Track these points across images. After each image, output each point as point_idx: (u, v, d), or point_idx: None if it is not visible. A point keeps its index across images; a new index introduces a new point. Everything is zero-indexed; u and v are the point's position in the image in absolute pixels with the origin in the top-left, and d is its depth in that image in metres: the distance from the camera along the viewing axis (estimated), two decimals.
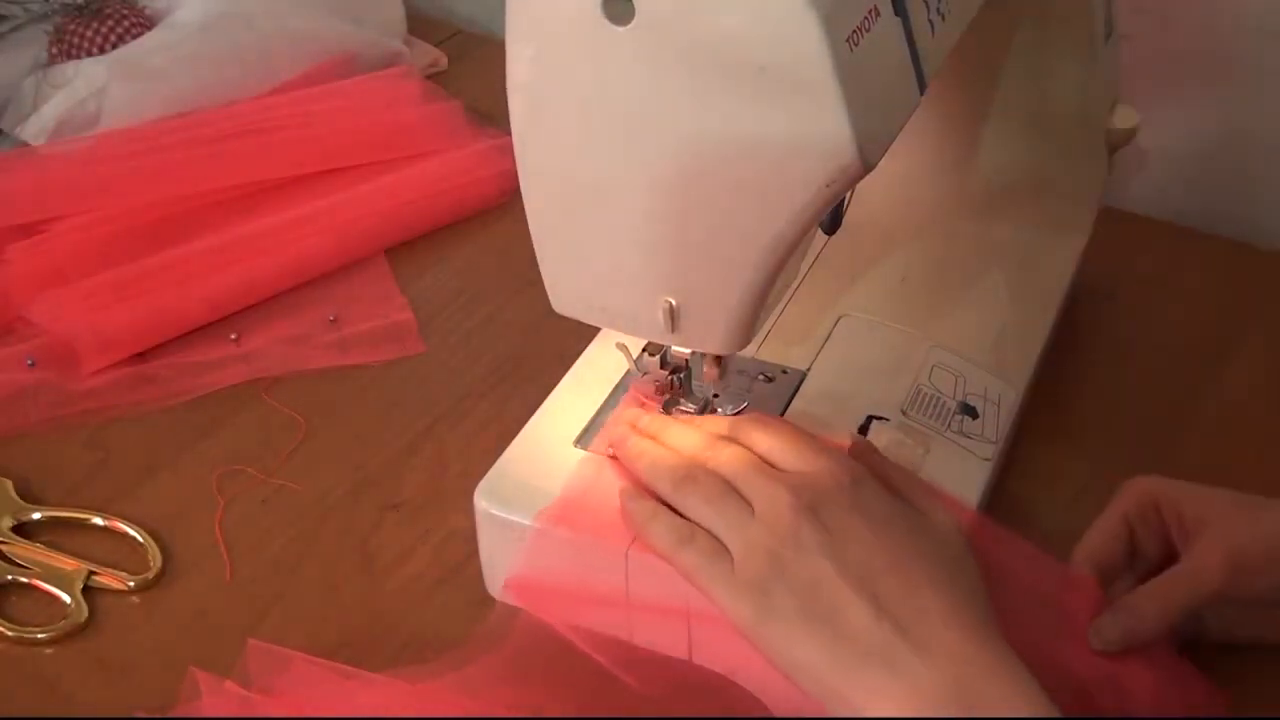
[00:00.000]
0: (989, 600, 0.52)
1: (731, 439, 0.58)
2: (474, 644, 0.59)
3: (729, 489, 0.55)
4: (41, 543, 0.68)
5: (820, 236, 0.58)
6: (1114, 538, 0.59)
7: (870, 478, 0.55)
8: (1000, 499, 0.68)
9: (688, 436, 0.59)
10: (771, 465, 0.56)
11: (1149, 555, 0.59)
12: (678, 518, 0.55)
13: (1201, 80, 0.92)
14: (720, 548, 0.54)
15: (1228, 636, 0.59)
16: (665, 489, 0.56)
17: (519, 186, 0.55)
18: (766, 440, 0.57)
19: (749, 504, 0.54)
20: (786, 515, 0.52)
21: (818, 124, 0.46)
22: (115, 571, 0.66)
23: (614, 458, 0.61)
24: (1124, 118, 0.77)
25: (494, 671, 0.57)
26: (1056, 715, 0.47)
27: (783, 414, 0.64)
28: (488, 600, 0.63)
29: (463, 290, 0.87)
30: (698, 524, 0.55)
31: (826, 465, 0.55)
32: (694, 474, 0.56)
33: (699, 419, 0.62)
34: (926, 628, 0.49)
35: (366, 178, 0.93)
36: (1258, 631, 0.59)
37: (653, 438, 0.59)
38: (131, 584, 0.66)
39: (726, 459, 0.56)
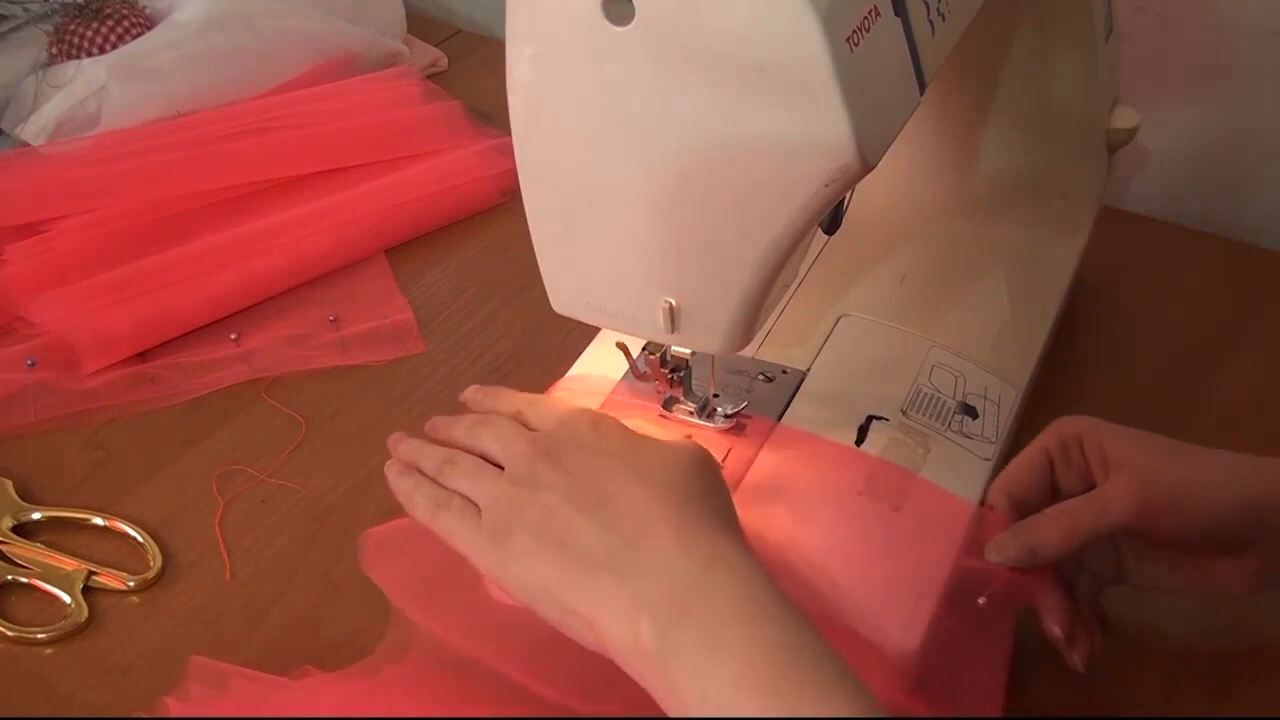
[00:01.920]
0: (731, 513, 0.53)
1: (498, 414, 0.60)
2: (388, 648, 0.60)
3: (483, 462, 0.57)
4: (41, 543, 0.68)
5: (820, 236, 0.58)
6: (1033, 471, 0.59)
7: (610, 420, 0.56)
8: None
9: (461, 421, 0.60)
10: (529, 428, 0.58)
11: (1069, 492, 0.59)
12: (437, 486, 0.57)
13: (1201, 80, 0.92)
14: (472, 507, 0.55)
15: (1142, 581, 0.59)
16: (430, 472, 0.58)
17: (519, 186, 0.55)
18: (524, 408, 0.59)
19: (501, 468, 0.56)
20: (524, 461, 0.55)
21: (818, 124, 0.46)
22: (115, 571, 0.66)
23: None
24: (1124, 118, 0.77)
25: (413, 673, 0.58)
26: (779, 605, 0.48)
27: (782, 414, 0.64)
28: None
29: (463, 290, 0.87)
30: (457, 492, 0.57)
31: (569, 414, 0.57)
32: (453, 457, 0.58)
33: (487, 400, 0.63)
34: (650, 538, 0.50)
35: (366, 178, 0.93)
36: (1168, 580, 0.59)
37: (432, 434, 0.61)
38: (131, 584, 0.66)
39: (489, 430, 0.58)
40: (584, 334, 0.67)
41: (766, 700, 0.45)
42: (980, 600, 0.57)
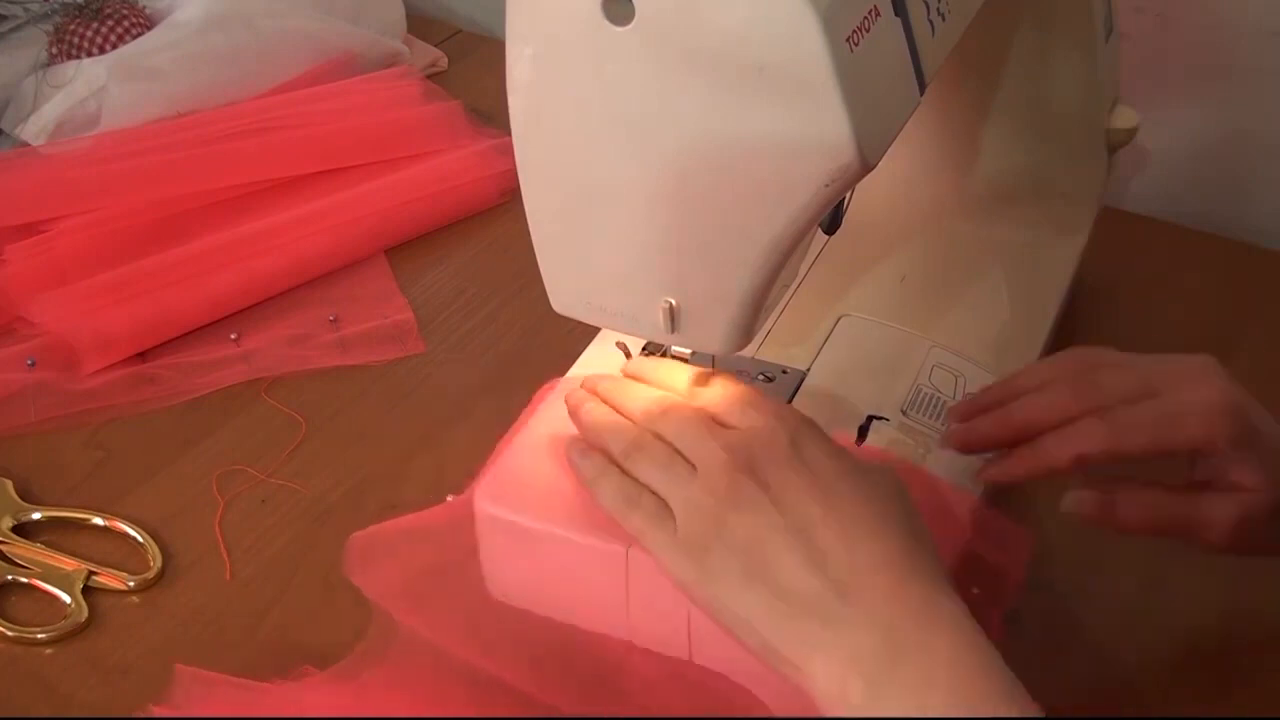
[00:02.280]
0: (934, 550, 0.51)
1: (682, 399, 0.58)
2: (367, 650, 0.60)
3: (674, 453, 0.54)
4: (41, 543, 0.68)
5: (820, 236, 0.58)
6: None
7: (810, 430, 0.54)
8: (1000, 498, 0.68)
9: (640, 398, 0.58)
10: (720, 423, 0.55)
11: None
12: (626, 478, 0.55)
13: (1201, 80, 0.92)
14: (665, 509, 0.53)
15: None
16: (616, 455, 0.56)
17: (519, 186, 0.55)
18: (713, 398, 0.57)
19: (693, 465, 0.54)
20: (724, 473, 0.52)
21: (818, 124, 0.46)
22: (115, 571, 0.66)
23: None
24: (1124, 118, 0.77)
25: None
26: (994, 662, 0.46)
27: None
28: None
29: (463, 290, 0.87)
30: (645, 486, 0.55)
31: (767, 420, 0.54)
32: (642, 441, 0.55)
33: (655, 373, 0.61)
34: (859, 578, 0.48)
35: (366, 178, 0.93)
36: (1152, 517, 0.58)
37: (608, 401, 0.59)
38: (131, 584, 0.66)
39: (674, 420, 0.56)
40: (584, 334, 0.67)
41: None
42: (974, 591, 0.57)
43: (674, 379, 0.59)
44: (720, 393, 0.57)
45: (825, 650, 0.47)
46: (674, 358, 0.62)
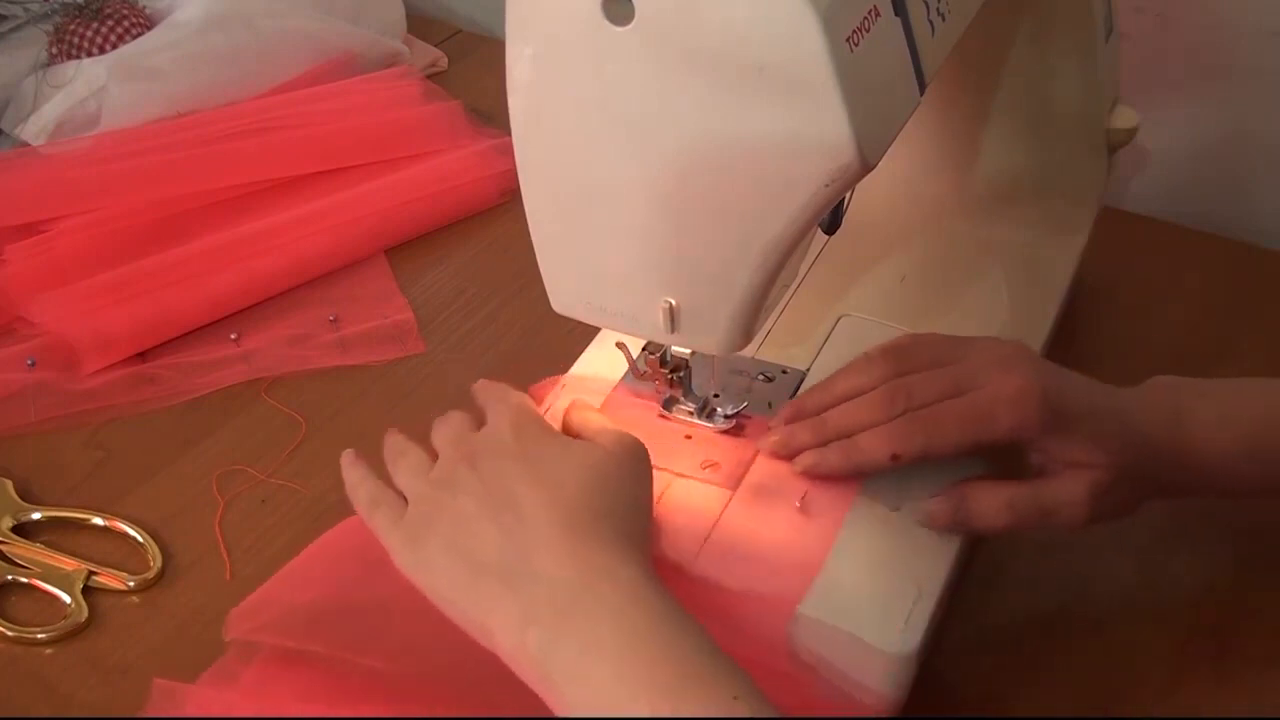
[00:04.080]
0: (639, 519, 0.55)
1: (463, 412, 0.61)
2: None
3: (427, 460, 0.58)
4: (41, 543, 0.68)
5: (820, 236, 0.58)
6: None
7: (533, 422, 0.57)
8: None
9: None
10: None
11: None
12: (378, 483, 0.58)
13: (1201, 80, 0.92)
14: (402, 506, 0.56)
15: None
16: (387, 464, 0.59)
17: (519, 186, 0.55)
18: (489, 405, 0.60)
19: None
20: (447, 464, 0.56)
21: (818, 124, 0.46)
22: (115, 571, 0.66)
23: None
24: (1124, 118, 0.77)
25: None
26: (663, 608, 0.49)
27: None
28: None
29: (463, 290, 0.87)
30: (399, 490, 0.58)
31: (496, 416, 0.58)
32: (405, 450, 0.59)
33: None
34: (540, 546, 0.51)
35: (366, 178, 0.93)
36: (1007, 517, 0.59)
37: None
38: (131, 584, 0.66)
39: (443, 426, 0.59)
40: (584, 334, 0.67)
41: (654, 698, 0.46)
42: None
43: (483, 394, 0.62)
44: (494, 401, 0.60)
45: (506, 611, 0.50)
46: (674, 357, 0.62)
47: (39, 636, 0.63)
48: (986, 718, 0.60)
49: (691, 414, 0.63)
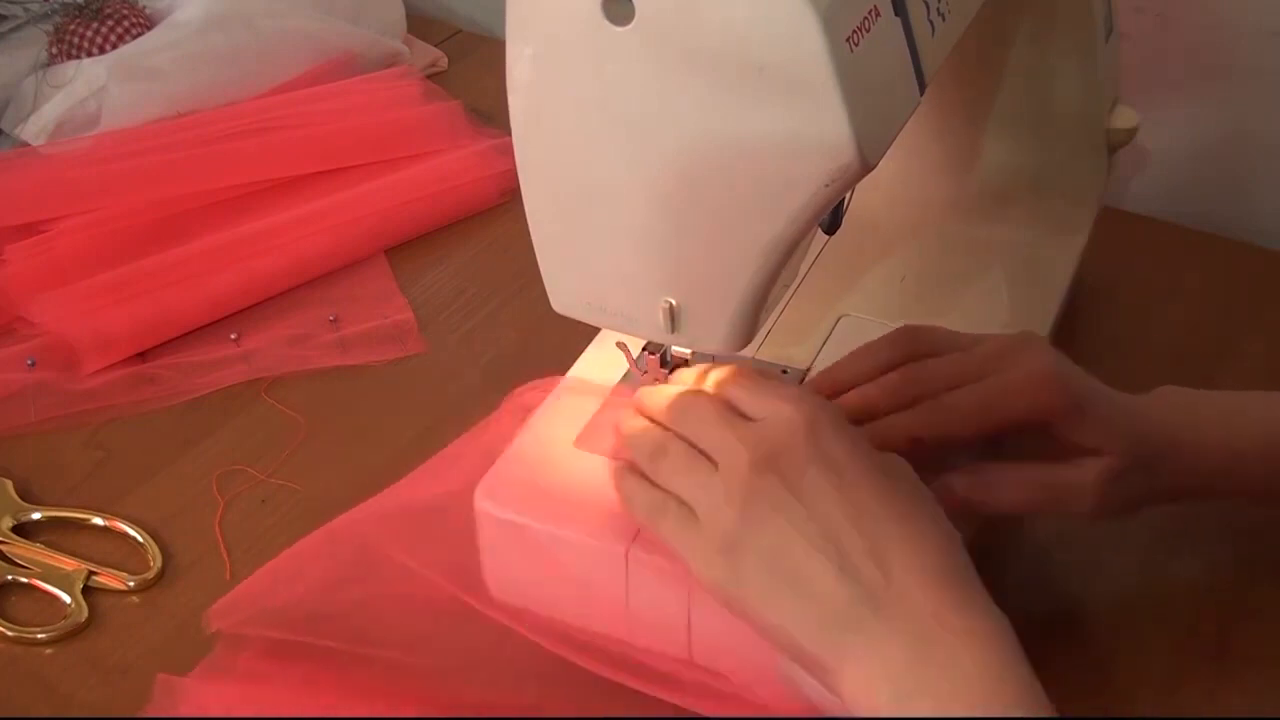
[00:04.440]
0: (958, 541, 0.51)
1: (699, 391, 0.57)
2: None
3: (695, 454, 0.54)
4: (41, 543, 0.68)
5: (820, 236, 0.58)
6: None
7: (827, 417, 0.52)
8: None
9: (662, 397, 0.58)
10: (740, 413, 0.55)
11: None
12: (653, 488, 0.55)
13: (1201, 80, 0.92)
14: (691, 513, 0.53)
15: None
16: (644, 464, 0.56)
17: (519, 186, 0.55)
18: (729, 388, 0.56)
19: (714, 462, 0.53)
20: (745, 474, 0.51)
21: (818, 124, 0.46)
22: (115, 571, 0.66)
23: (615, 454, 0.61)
24: (1124, 118, 0.77)
25: None
26: (1024, 671, 0.47)
27: None
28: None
29: (463, 290, 0.87)
30: (673, 493, 0.54)
31: (784, 411, 0.52)
32: (664, 445, 0.55)
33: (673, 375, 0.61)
34: (891, 585, 0.48)
35: (366, 178, 0.94)
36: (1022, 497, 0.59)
37: (640, 409, 0.59)
38: (131, 584, 0.66)
39: (692, 417, 0.55)
40: (584, 334, 0.66)
41: None
42: None
43: (661, 402, 0.58)
44: (737, 382, 0.56)
45: (857, 659, 0.48)
46: (674, 357, 0.62)
47: (39, 636, 0.63)
48: (987, 718, 0.60)
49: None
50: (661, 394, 0.58)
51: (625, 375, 0.65)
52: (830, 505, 0.50)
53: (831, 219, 0.56)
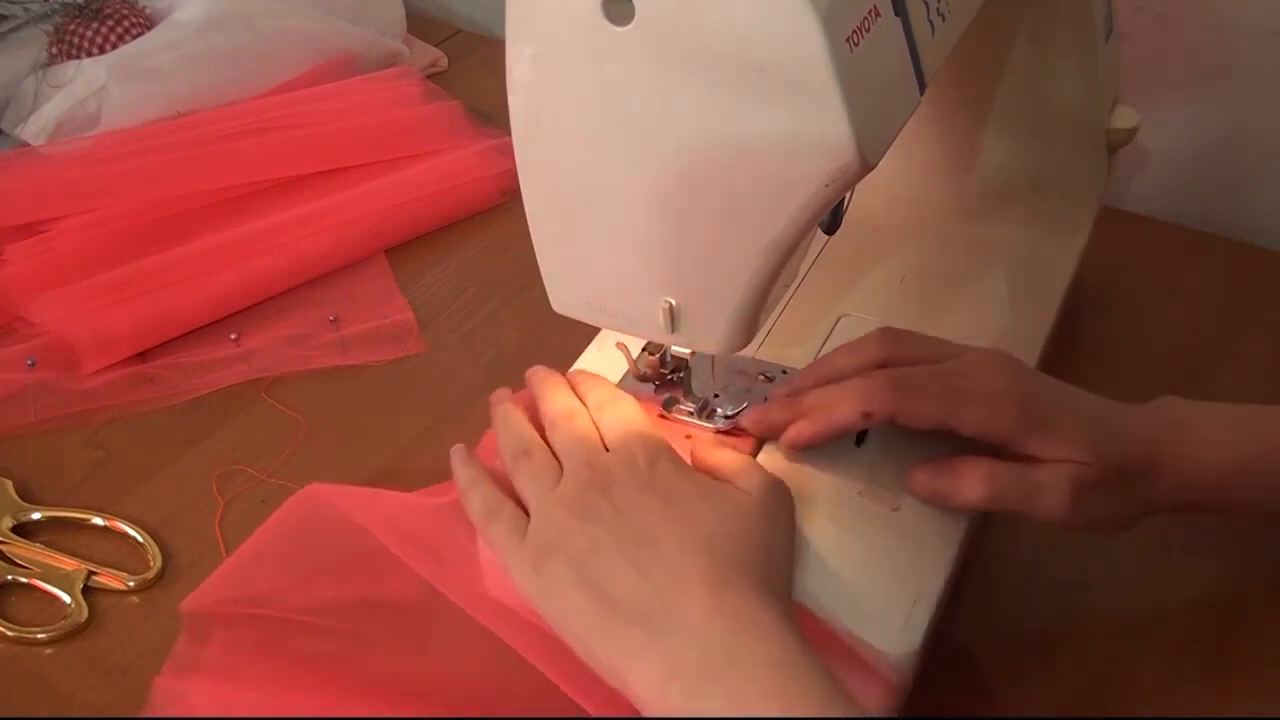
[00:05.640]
0: (779, 565, 0.53)
1: (578, 410, 0.59)
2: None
3: (552, 465, 0.56)
4: (41, 543, 0.68)
5: (820, 236, 0.58)
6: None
7: (668, 455, 0.56)
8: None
9: (557, 404, 0.59)
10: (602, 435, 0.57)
11: None
12: (492, 490, 0.57)
13: (1201, 80, 0.92)
14: (523, 520, 0.55)
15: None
16: (506, 458, 0.58)
17: (519, 186, 0.55)
18: (608, 418, 0.58)
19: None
20: (578, 485, 0.54)
21: (817, 124, 0.46)
22: (115, 571, 0.66)
23: None
24: (1124, 118, 0.77)
25: None
26: (810, 669, 0.47)
27: None
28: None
29: (463, 290, 0.87)
30: (513, 495, 0.56)
31: (629, 442, 0.56)
32: (529, 448, 0.57)
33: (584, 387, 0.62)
34: (685, 594, 0.49)
35: (366, 178, 0.94)
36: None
37: (536, 396, 0.61)
38: (131, 584, 0.66)
39: (564, 431, 0.57)
40: (584, 334, 0.67)
41: None
42: None
43: (596, 395, 0.60)
44: (613, 413, 0.58)
45: (644, 657, 0.49)
46: (674, 357, 0.62)
47: (39, 636, 0.63)
48: (987, 718, 0.60)
49: (691, 414, 0.63)
50: (557, 396, 0.59)
51: (625, 375, 0.65)
52: (647, 519, 0.52)
53: (831, 219, 0.56)
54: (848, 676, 0.51)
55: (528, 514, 0.55)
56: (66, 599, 0.65)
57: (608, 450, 0.56)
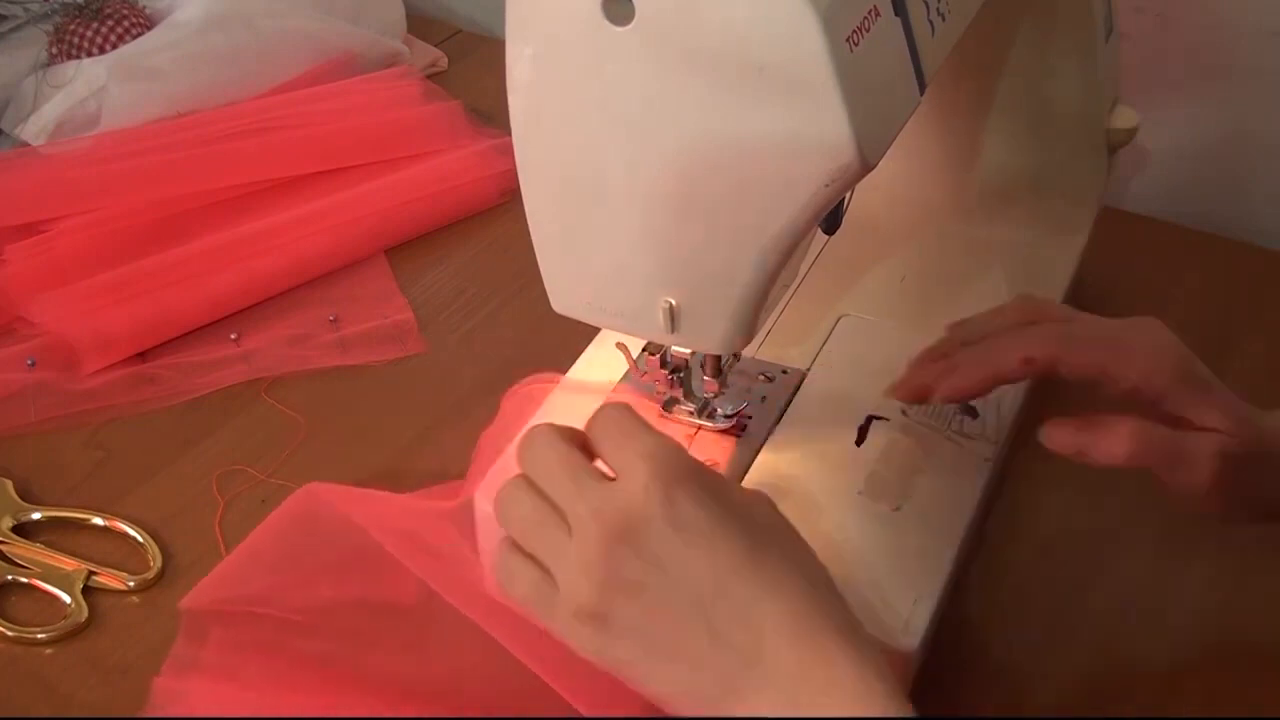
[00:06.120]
0: (823, 583, 0.49)
1: (552, 437, 0.52)
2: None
3: (548, 512, 0.50)
4: (41, 543, 0.68)
5: (820, 236, 0.58)
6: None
7: (684, 474, 0.49)
8: (1000, 499, 0.68)
9: (524, 442, 0.52)
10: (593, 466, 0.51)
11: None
12: (513, 552, 0.51)
13: (1201, 80, 0.92)
14: (547, 579, 0.50)
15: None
16: (499, 517, 0.52)
17: (519, 186, 0.55)
18: (593, 429, 0.51)
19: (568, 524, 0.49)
20: (598, 547, 0.48)
21: (818, 124, 0.46)
22: (115, 571, 0.66)
23: None
24: (1124, 118, 0.77)
25: None
26: (899, 709, 0.46)
27: (782, 414, 0.64)
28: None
29: (463, 290, 0.87)
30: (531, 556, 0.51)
31: (639, 474, 0.48)
32: (518, 497, 0.51)
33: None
34: (762, 647, 0.47)
35: (366, 178, 0.94)
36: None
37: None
38: (131, 584, 0.66)
39: (541, 472, 0.51)
40: (584, 334, 0.67)
41: None
42: None
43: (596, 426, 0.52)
44: (600, 425, 0.51)
45: (736, 711, 0.47)
46: (674, 357, 0.62)
47: (39, 636, 0.63)
48: (986, 717, 0.60)
49: (692, 414, 0.63)
50: (528, 436, 0.52)
51: (625, 375, 0.66)
52: (694, 572, 0.47)
53: (831, 219, 0.56)
54: None
55: None
56: (66, 599, 0.65)
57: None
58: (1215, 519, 0.58)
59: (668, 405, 0.64)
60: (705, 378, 0.61)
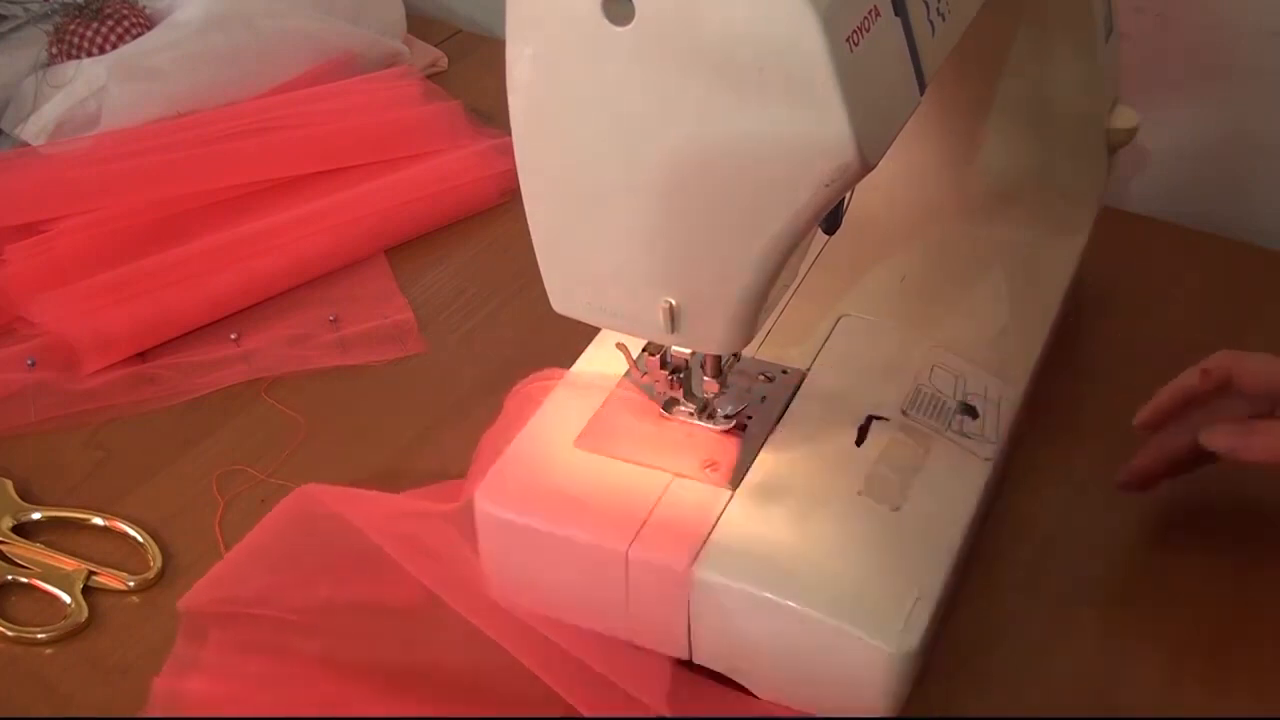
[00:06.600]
0: None
1: None
2: None
3: None
4: (41, 543, 0.68)
5: (820, 236, 0.58)
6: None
7: None
8: (1000, 499, 0.68)
9: None
10: None
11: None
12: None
13: (1201, 80, 0.92)
14: None
15: None
16: None
17: (519, 186, 0.55)
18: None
19: None
20: None
21: (818, 124, 0.46)
22: (115, 571, 0.66)
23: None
24: (1124, 118, 0.77)
25: None
26: None
27: (782, 414, 0.64)
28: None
29: (463, 290, 0.87)
30: None
31: None
32: None
33: None
34: None
35: (367, 178, 0.94)
36: None
37: None
38: (131, 584, 0.66)
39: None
40: (584, 334, 0.67)
41: None
42: None
43: None
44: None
45: None
46: (674, 357, 0.62)
47: (39, 636, 0.63)
48: (986, 717, 0.60)
49: (692, 414, 0.63)
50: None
51: (625, 375, 0.65)
52: None
53: (831, 219, 0.56)
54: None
55: None
56: (66, 599, 0.65)
57: None
58: None
59: (668, 405, 0.64)
60: (705, 378, 0.61)
